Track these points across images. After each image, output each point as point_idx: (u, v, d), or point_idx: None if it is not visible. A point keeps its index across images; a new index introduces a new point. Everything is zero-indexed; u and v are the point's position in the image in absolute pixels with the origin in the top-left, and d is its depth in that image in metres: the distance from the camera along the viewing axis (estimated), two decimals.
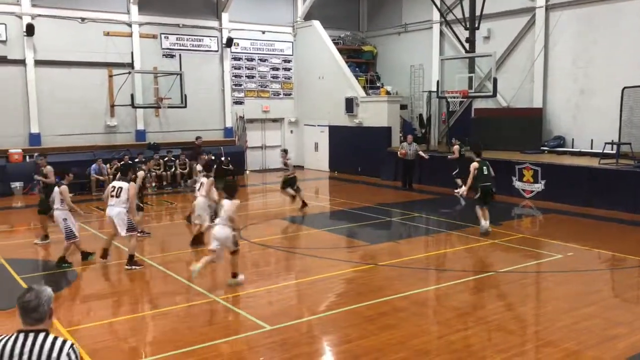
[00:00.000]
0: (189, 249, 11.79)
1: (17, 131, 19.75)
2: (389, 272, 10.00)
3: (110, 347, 6.94)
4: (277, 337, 7.14)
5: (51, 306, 3.34)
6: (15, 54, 19.64)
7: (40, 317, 3.30)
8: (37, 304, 3.28)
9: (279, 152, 25.98)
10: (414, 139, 19.84)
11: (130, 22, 21.71)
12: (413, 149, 19.23)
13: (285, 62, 26.02)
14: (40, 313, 3.30)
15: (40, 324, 3.31)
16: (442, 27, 23.37)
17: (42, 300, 3.31)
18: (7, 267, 10.38)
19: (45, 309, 3.31)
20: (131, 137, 22.04)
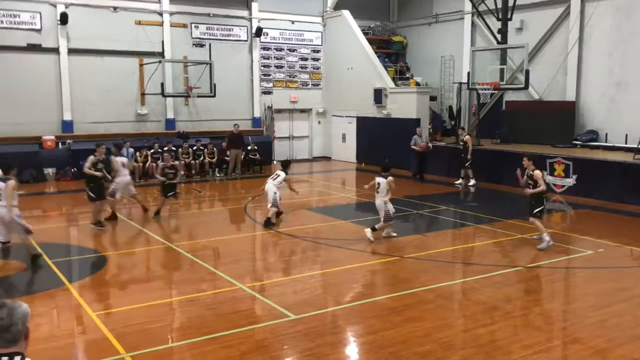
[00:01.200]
0: (216, 237, 11.92)
1: (50, 118, 20.12)
2: (415, 264, 9.95)
3: (138, 331, 7.06)
4: (301, 326, 7.17)
5: (27, 325, 2.86)
6: (49, 43, 19.99)
7: (13, 339, 2.80)
8: (10, 323, 2.80)
9: (306, 143, 26.28)
10: (439, 132, 19.73)
11: (161, 11, 21.89)
12: (424, 140, 19.38)
13: (314, 52, 25.96)
14: (12, 333, 2.80)
15: (13, 345, 2.81)
16: (473, 18, 23.03)
17: (15, 319, 2.82)
18: (40, 251, 10.62)
19: (19, 328, 2.81)
20: (161, 125, 22.29)
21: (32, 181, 18.37)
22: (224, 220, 14.55)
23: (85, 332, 7.21)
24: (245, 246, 11.91)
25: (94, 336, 6.93)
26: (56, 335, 7.06)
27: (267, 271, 10.00)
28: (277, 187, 13.24)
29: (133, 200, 14.43)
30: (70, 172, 19.29)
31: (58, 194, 17.67)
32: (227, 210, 15.65)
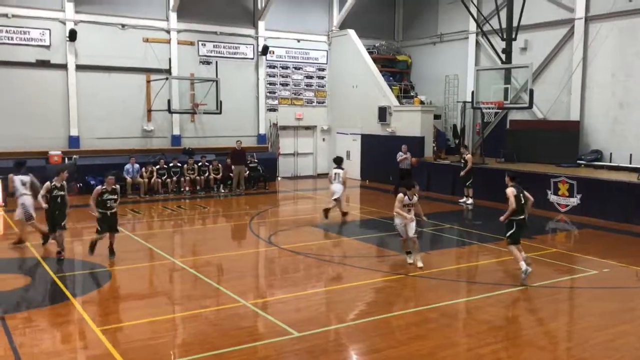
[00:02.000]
0: (219, 253, 11.94)
1: (57, 133, 20.27)
2: (419, 282, 9.93)
3: (142, 347, 7.05)
4: (304, 344, 7.16)
5: None
6: (58, 59, 20.21)
7: None
8: None
9: (310, 159, 26.36)
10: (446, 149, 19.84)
11: (169, 29, 22.14)
12: (409, 157, 19.62)
13: (320, 70, 26.16)
14: None
15: None
16: (478, 38, 23.20)
17: None
18: (45, 266, 10.66)
19: None
20: (167, 141, 22.42)
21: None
22: (227, 236, 14.58)
23: (88, 347, 7.21)
24: (249, 262, 11.92)
25: (97, 352, 6.93)
26: (59, 350, 7.07)
27: (271, 288, 9.99)
28: (341, 183, 14.95)
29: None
30: (76, 187, 19.36)
31: None
32: (231, 227, 15.68)
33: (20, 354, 6.77)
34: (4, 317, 7.96)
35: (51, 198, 11.30)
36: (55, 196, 11.32)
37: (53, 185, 11.35)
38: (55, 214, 11.32)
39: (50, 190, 11.31)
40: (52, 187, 11.32)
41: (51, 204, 11.33)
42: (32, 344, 7.15)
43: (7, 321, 7.81)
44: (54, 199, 11.31)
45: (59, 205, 11.37)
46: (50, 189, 11.32)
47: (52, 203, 11.33)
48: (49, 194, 11.32)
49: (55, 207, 11.33)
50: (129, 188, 19.14)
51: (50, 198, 11.31)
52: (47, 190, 11.35)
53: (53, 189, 11.32)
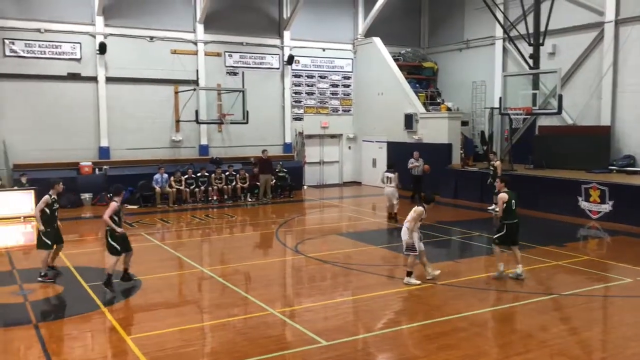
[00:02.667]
0: (247, 261, 12.00)
1: (88, 144, 20.68)
2: (447, 291, 9.83)
3: (172, 355, 7.11)
4: (332, 352, 7.14)
5: None
6: (88, 71, 20.65)
7: None
8: None
9: (336, 168, 26.37)
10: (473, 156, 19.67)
11: (196, 40, 22.45)
12: (421, 164, 19.62)
13: (345, 78, 26.21)
14: None
15: None
16: (505, 43, 22.99)
17: None
18: (76, 275, 10.84)
19: None
20: (195, 151, 22.69)
21: (70, 206, 18.80)
22: (255, 244, 14.65)
23: (119, 355, 7.30)
24: (276, 271, 11.95)
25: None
26: (91, 359, 7.17)
27: (298, 296, 10.00)
28: (394, 186, 15.80)
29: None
30: (106, 197, 19.66)
31: (94, 219, 18.01)
32: (258, 235, 15.75)
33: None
34: (38, 325, 8.12)
35: (52, 212, 10.41)
36: (54, 210, 10.47)
37: (53, 199, 10.44)
38: (55, 227, 10.53)
39: (51, 205, 10.39)
40: (52, 200, 10.42)
41: (51, 219, 10.42)
42: (64, 352, 7.28)
43: (41, 329, 7.97)
44: (53, 213, 10.44)
45: (56, 219, 10.58)
46: (50, 202, 10.38)
47: (52, 217, 10.44)
48: (48, 208, 10.35)
49: (54, 221, 10.51)
50: (158, 198, 19.39)
51: (51, 213, 10.40)
52: (46, 203, 10.33)
53: (53, 202, 10.43)
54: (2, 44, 19.33)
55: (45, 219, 10.32)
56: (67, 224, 16.53)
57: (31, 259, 12.42)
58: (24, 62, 19.64)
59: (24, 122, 19.59)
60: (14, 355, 7.30)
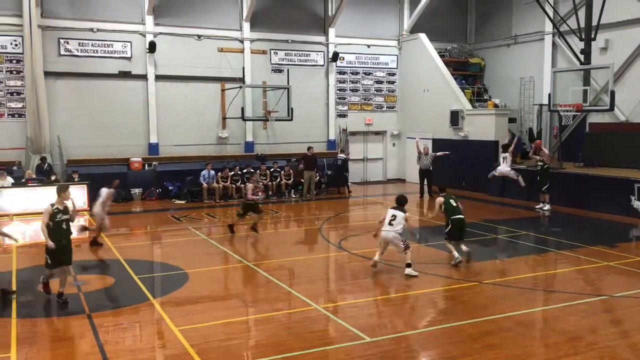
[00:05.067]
0: (291, 257, 12.14)
1: (138, 141, 21.25)
2: (493, 290, 9.70)
3: (218, 348, 7.28)
4: (376, 349, 7.16)
5: None
6: (138, 70, 21.19)
7: None
8: None
9: (380, 165, 26.28)
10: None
11: (243, 38, 22.74)
12: (429, 158, 20.41)
13: (390, 75, 26.08)
14: None
15: None
16: (554, 39, 22.42)
17: None
18: (127, 267, 11.19)
19: None
20: (240, 148, 23.01)
21: (121, 201, 19.37)
22: (298, 240, 14.77)
23: (167, 346, 7.51)
24: (320, 267, 12.03)
25: (176, 351, 7.21)
26: (140, 349, 7.40)
27: (342, 292, 10.04)
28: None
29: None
30: (155, 192, 20.23)
31: (144, 213, 18.54)
32: (302, 231, 15.88)
33: (105, 351, 7.15)
34: (91, 315, 8.43)
35: (55, 225, 8.93)
36: (59, 221, 8.99)
37: (55, 209, 8.97)
38: (62, 243, 8.99)
39: (53, 215, 8.94)
40: (54, 211, 8.95)
41: (57, 233, 8.93)
42: (115, 342, 7.53)
43: (94, 319, 8.27)
44: (58, 225, 8.97)
45: (64, 232, 9.09)
46: (52, 213, 8.93)
47: (58, 231, 8.96)
48: (51, 220, 8.91)
49: (62, 235, 9.03)
50: (204, 193, 19.77)
51: (54, 225, 8.93)
52: (49, 216, 8.90)
53: (56, 213, 8.96)
54: (57, 44, 20.04)
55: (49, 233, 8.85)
56: (118, 218, 17.12)
57: (84, 252, 12.88)
58: (77, 61, 20.31)
59: (78, 119, 20.28)
60: (69, 343, 7.60)
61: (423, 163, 20.77)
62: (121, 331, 7.96)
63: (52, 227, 8.90)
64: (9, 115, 19.67)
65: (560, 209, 17.41)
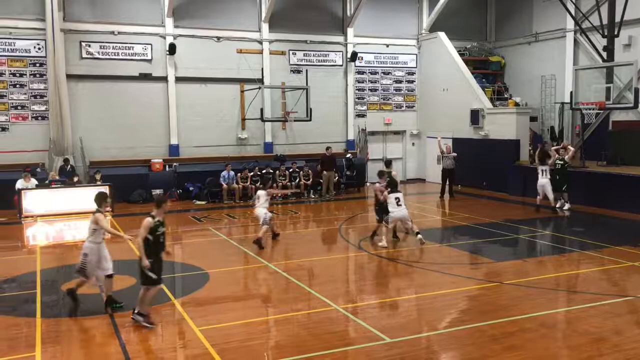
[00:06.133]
0: (310, 257, 12.15)
1: (158, 142, 21.45)
2: (515, 291, 9.60)
3: (239, 347, 7.32)
4: (396, 350, 7.14)
5: None
6: (159, 72, 21.40)
7: None
8: None
9: (399, 165, 26.18)
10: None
11: (261, 39, 22.83)
12: (451, 158, 20.24)
13: (409, 74, 25.98)
14: None
15: None
16: (576, 36, 22.14)
17: None
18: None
19: None
20: (260, 149, 23.10)
21: (142, 201, 19.60)
22: (318, 241, 14.78)
23: (188, 346, 7.57)
24: (339, 267, 12.03)
25: (197, 351, 7.26)
26: (163, 348, 7.47)
27: (361, 293, 10.03)
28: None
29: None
30: (176, 193, 20.39)
31: (165, 214, 18.65)
32: (321, 231, 15.88)
33: (128, 351, 7.23)
34: (113, 316, 8.52)
35: (155, 239, 8.10)
36: (159, 235, 8.16)
37: (156, 222, 8.13)
38: (159, 257, 8.24)
39: (154, 229, 8.10)
40: (155, 224, 8.10)
41: (156, 247, 8.14)
42: (138, 341, 7.61)
43: (116, 319, 8.36)
44: (157, 239, 8.14)
45: (162, 246, 8.29)
46: (153, 227, 8.07)
47: (157, 245, 8.15)
48: (151, 234, 8.06)
49: (160, 250, 8.24)
50: (224, 194, 19.88)
51: (154, 239, 8.09)
52: (149, 229, 8.03)
53: (157, 226, 8.13)
54: (79, 47, 20.32)
55: (147, 248, 8.03)
56: (139, 219, 17.26)
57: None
58: (98, 64, 20.58)
59: (99, 121, 20.54)
60: (92, 343, 7.70)
61: (446, 163, 20.60)
62: (143, 331, 8.03)
63: (151, 241, 8.03)
64: (33, 117, 20.00)
65: (583, 208, 17.18)
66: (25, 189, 17.15)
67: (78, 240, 14.70)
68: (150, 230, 8.03)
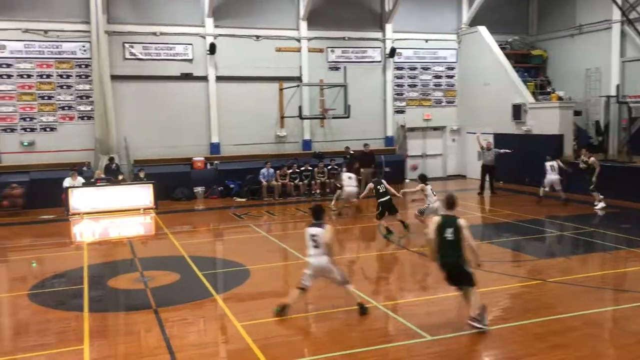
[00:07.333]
0: (349, 254, 12.14)
1: (200, 141, 21.78)
2: (559, 289, 9.41)
3: (280, 343, 7.39)
4: (437, 347, 7.09)
5: None
6: (199, 71, 21.72)
7: None
8: None
9: (439, 161, 25.92)
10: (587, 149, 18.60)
11: (300, 37, 22.91)
12: (492, 154, 20.05)
13: (449, 69, 25.68)
14: None
15: None
16: (623, 27, 21.44)
17: None
18: (191, 264, 11.50)
19: None
20: (298, 146, 23.21)
21: (184, 199, 19.96)
22: (357, 238, 14.77)
23: (231, 341, 7.68)
24: (379, 264, 12.00)
25: (239, 346, 7.37)
26: (205, 343, 7.61)
27: (401, 290, 9.99)
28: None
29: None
30: (217, 190, 20.69)
31: (206, 211, 19.00)
32: (359, 228, 15.85)
33: (172, 345, 7.39)
34: (158, 310, 8.72)
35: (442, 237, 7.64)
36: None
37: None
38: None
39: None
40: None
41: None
42: (181, 336, 7.76)
43: (160, 314, 8.55)
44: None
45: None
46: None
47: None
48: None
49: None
50: (264, 191, 20.06)
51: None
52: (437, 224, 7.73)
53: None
54: (122, 48, 20.80)
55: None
56: (182, 216, 17.64)
57: (150, 248, 13.34)
58: (141, 64, 21.02)
59: (143, 121, 20.99)
60: (137, 337, 7.89)
61: (486, 159, 20.34)
62: (186, 326, 8.19)
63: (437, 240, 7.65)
64: (79, 117, 20.58)
65: (630, 204, 16.67)
66: (73, 187, 17.67)
67: (123, 237, 15.13)
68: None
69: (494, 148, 20.55)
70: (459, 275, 7.54)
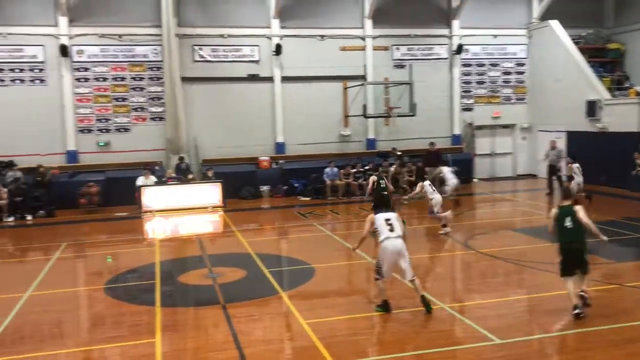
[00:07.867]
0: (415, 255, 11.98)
1: (265, 140, 22.13)
2: (637, 294, 8.95)
3: (344, 342, 7.40)
4: (507, 351, 6.91)
5: None
6: (265, 72, 22.06)
7: None
8: None
9: (509, 160, 25.19)
10: None
11: (364, 35, 22.85)
12: (555, 153, 19.57)
13: (518, 65, 24.92)
14: None
15: None
16: None
17: None
18: (257, 261, 11.70)
19: None
20: (362, 145, 23.16)
21: (250, 197, 20.34)
22: (422, 238, 14.56)
23: (297, 338, 7.76)
24: (445, 265, 11.83)
25: (304, 343, 7.43)
26: (271, 339, 7.72)
27: (469, 292, 9.79)
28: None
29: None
30: (282, 189, 20.95)
31: (272, 210, 19.29)
32: (426, 229, 15.63)
33: (239, 340, 7.54)
34: (225, 306, 8.92)
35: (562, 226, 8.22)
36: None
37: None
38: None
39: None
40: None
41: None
42: (248, 332, 7.91)
43: (228, 310, 8.74)
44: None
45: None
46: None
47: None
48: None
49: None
50: (328, 190, 20.13)
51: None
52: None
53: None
54: (192, 51, 21.41)
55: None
56: (248, 214, 17.97)
57: (218, 245, 13.65)
58: (210, 66, 21.57)
59: (211, 121, 21.54)
60: (205, 331, 8.10)
61: (551, 158, 19.60)
62: (253, 322, 8.34)
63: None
64: (151, 119, 21.35)
65: None
66: (145, 186, 18.35)
67: (192, 234, 15.57)
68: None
69: (559, 147, 19.75)
70: (582, 261, 8.08)
